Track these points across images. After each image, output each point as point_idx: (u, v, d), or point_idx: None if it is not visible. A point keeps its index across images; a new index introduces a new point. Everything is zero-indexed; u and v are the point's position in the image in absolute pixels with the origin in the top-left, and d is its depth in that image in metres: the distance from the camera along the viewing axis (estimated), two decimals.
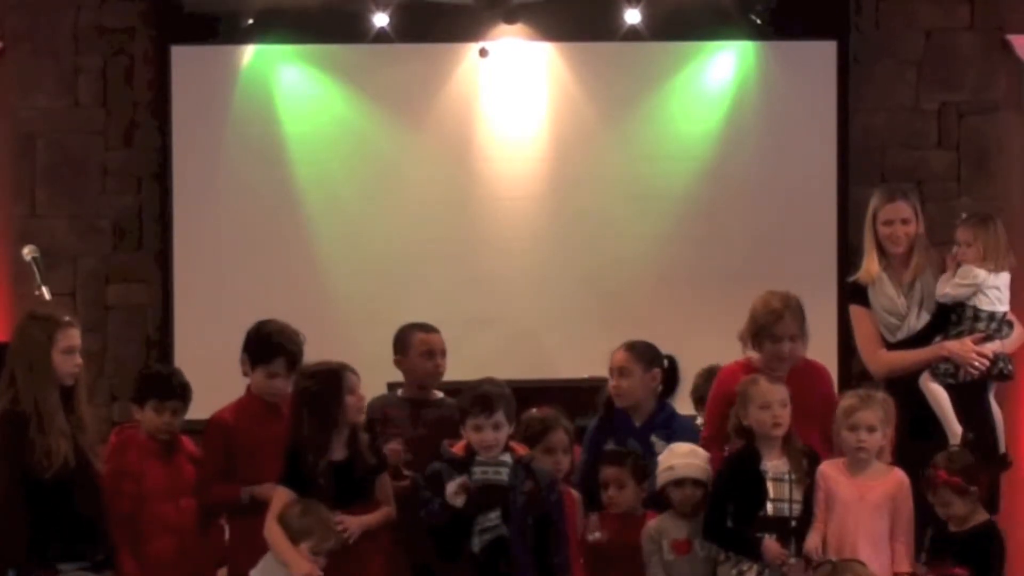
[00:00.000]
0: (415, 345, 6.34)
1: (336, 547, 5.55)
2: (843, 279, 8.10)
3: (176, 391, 6.13)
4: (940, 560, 5.69)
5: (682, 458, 5.84)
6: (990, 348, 6.27)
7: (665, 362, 6.42)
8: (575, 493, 6.06)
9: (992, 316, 6.31)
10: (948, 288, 6.31)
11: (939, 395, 6.25)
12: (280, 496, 5.66)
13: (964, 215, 6.57)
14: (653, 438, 6.10)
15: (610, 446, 6.14)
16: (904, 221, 6.42)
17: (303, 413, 5.68)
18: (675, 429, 6.14)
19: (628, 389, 6.21)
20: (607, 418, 6.31)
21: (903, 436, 5.95)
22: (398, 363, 6.39)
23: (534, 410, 6.08)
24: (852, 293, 6.61)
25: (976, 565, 5.63)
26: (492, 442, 5.61)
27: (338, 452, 5.70)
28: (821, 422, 5.96)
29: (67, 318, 5.81)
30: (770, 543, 5.60)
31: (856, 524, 5.67)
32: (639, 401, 6.23)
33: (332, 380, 5.70)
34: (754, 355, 6.23)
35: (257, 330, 6.13)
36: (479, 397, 5.64)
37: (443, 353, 6.37)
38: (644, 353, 6.25)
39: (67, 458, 5.58)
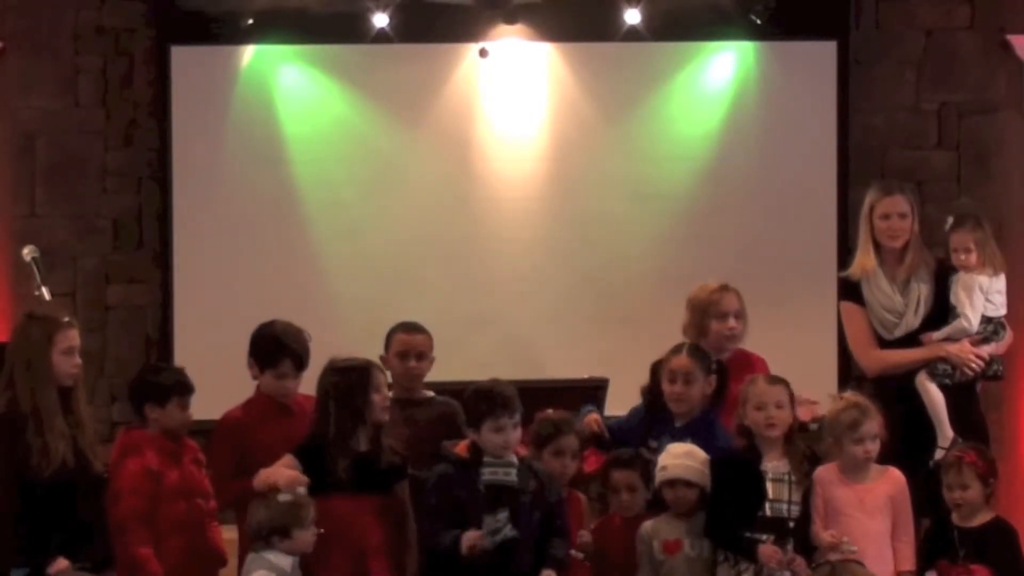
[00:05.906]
0: (393, 345, 6.30)
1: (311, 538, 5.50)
2: None
3: (190, 386, 6.09)
4: (948, 555, 5.66)
5: (675, 458, 5.78)
6: (986, 350, 6.24)
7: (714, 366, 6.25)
8: (581, 496, 6.05)
9: (989, 320, 6.27)
10: (969, 312, 6.20)
11: (935, 396, 6.20)
12: (286, 460, 5.64)
13: (950, 219, 6.40)
14: (689, 442, 5.92)
15: (653, 443, 6.02)
16: (901, 215, 6.33)
17: (330, 407, 5.68)
18: (713, 438, 5.95)
19: (693, 396, 6.05)
20: (651, 413, 6.16)
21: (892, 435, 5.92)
22: (384, 362, 6.32)
23: (550, 411, 6.03)
24: (843, 289, 6.53)
25: (993, 562, 5.60)
26: (514, 443, 5.61)
27: (362, 445, 5.71)
28: None
29: (66, 318, 5.79)
30: (766, 548, 5.56)
31: (858, 529, 5.63)
32: (695, 407, 6.09)
33: (360, 375, 5.71)
34: None
35: (261, 333, 6.10)
36: (504, 398, 5.58)
37: (420, 355, 6.26)
38: (705, 358, 6.10)
39: (65, 459, 5.57)
